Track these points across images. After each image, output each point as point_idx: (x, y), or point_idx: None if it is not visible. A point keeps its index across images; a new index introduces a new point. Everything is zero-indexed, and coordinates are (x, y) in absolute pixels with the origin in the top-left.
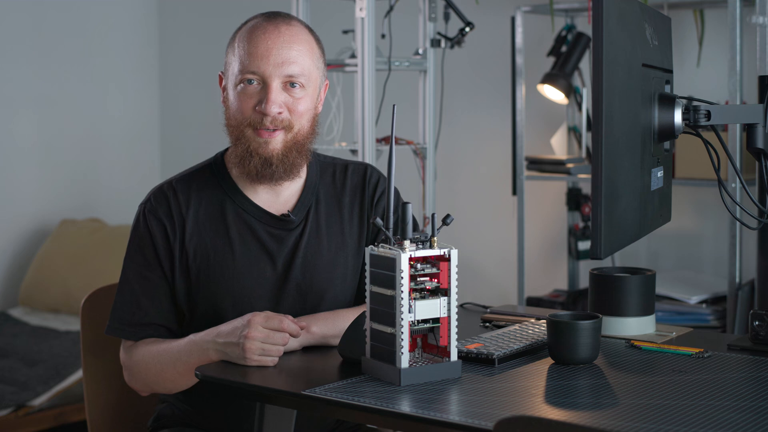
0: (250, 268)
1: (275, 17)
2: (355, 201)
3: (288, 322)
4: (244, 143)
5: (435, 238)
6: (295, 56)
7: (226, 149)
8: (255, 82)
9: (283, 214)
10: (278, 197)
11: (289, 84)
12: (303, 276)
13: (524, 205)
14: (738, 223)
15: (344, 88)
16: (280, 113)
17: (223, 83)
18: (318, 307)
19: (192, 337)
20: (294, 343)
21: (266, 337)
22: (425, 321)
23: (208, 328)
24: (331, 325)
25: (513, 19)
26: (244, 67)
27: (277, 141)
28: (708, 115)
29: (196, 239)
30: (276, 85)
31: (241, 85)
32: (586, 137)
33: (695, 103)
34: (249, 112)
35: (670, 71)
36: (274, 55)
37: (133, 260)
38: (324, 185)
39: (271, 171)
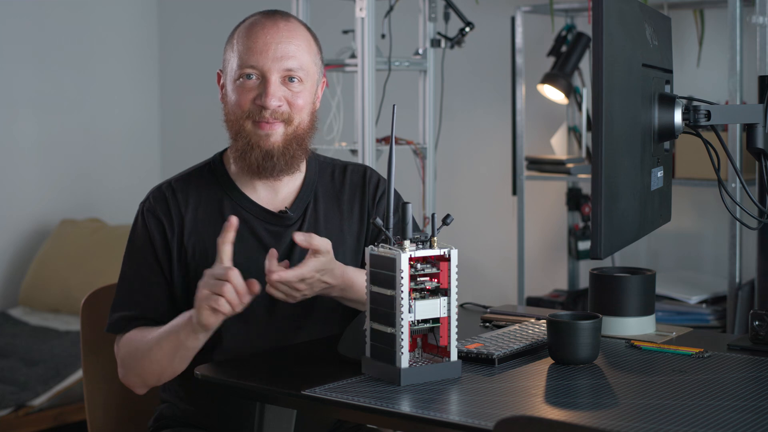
0: (247, 263)
1: (273, 14)
2: (355, 200)
3: (233, 274)
4: (244, 137)
5: (435, 238)
6: (294, 51)
7: (225, 149)
8: (254, 77)
9: (280, 211)
10: (276, 194)
11: (288, 78)
12: None
13: (524, 205)
14: (738, 223)
15: (344, 88)
16: (279, 106)
17: (222, 81)
18: (314, 304)
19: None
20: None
21: (208, 283)
22: (425, 321)
23: None
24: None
25: (513, 19)
26: (243, 62)
27: (277, 134)
28: (708, 115)
29: (195, 237)
30: (275, 79)
31: (240, 80)
32: (586, 137)
33: (695, 103)
34: (248, 105)
35: (670, 71)
36: (273, 50)
37: (131, 258)
38: (323, 184)
39: (272, 164)
